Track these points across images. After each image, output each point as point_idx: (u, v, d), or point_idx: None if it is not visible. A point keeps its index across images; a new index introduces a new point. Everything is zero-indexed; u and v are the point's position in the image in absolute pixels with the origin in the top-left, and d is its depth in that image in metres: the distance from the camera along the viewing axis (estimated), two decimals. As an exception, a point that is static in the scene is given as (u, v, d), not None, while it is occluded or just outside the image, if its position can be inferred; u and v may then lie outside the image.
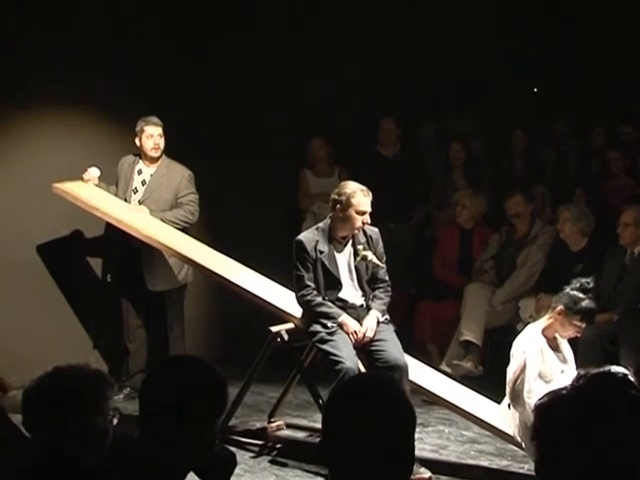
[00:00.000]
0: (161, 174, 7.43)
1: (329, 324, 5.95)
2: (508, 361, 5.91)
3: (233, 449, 4.22)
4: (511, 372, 5.82)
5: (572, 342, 6.07)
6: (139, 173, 7.46)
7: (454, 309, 7.93)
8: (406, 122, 8.96)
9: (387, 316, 6.13)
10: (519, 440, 5.87)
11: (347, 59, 8.81)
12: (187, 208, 7.38)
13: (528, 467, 5.88)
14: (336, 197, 6.02)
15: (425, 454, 6.15)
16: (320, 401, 6.03)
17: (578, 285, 5.90)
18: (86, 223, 7.70)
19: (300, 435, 6.66)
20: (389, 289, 6.22)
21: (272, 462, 6.13)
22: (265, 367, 6.37)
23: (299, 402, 7.23)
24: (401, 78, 9.07)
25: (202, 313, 8.49)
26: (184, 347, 7.54)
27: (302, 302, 6.10)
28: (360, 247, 6.09)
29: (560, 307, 5.83)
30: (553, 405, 1.83)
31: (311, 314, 6.05)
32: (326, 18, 8.83)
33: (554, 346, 5.89)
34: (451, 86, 9.34)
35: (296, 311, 6.24)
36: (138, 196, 7.41)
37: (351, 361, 5.77)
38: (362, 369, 5.93)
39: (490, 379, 7.04)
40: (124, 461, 2.87)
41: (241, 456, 5.85)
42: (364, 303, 6.14)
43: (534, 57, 9.76)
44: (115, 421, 3.09)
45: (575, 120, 9.17)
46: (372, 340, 5.97)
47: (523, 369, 5.72)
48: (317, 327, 5.98)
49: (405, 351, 6.06)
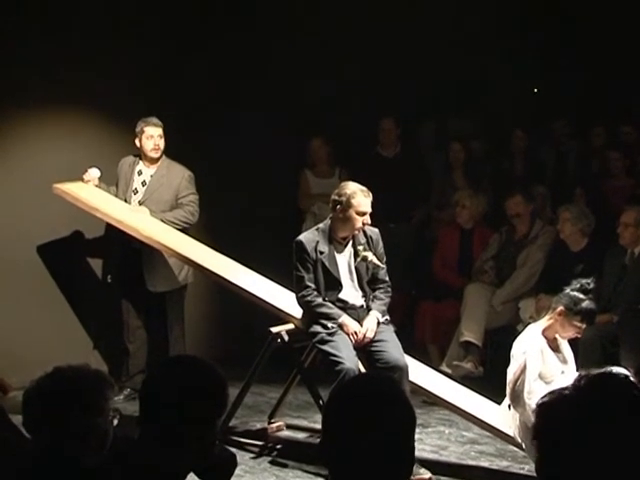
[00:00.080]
0: (161, 175, 7.43)
1: (329, 325, 5.95)
2: (508, 362, 5.91)
3: (233, 450, 4.22)
4: (511, 373, 5.82)
5: (572, 343, 6.07)
6: (139, 174, 7.46)
7: (454, 309, 7.93)
8: (406, 122, 8.96)
9: (387, 317, 6.13)
10: (519, 441, 5.87)
11: (347, 59, 8.80)
12: (187, 209, 7.38)
13: (528, 468, 5.88)
14: (336, 198, 6.02)
15: (425, 455, 6.15)
16: (320, 402, 6.03)
17: (578, 286, 5.89)
18: (86, 224, 7.70)
19: (300, 436, 6.66)
20: (389, 290, 6.21)
21: (272, 463, 6.13)
22: (265, 368, 6.36)
23: (299, 403, 7.23)
24: (401, 78, 9.07)
25: (202, 314, 8.48)
26: (184, 348, 7.54)
27: (302, 303, 6.10)
28: (360, 248, 6.09)
29: (560, 308, 5.82)
30: (554, 405, 1.83)
31: (311, 315, 6.05)
32: (326, 18, 8.82)
33: (554, 347, 5.89)
34: (451, 86, 9.33)
35: (296, 312, 6.23)
36: (138, 197, 7.41)
37: (351, 362, 5.77)
38: (362, 370, 5.93)
39: (490, 380, 7.04)
40: (124, 462, 2.87)
41: (241, 457, 5.85)
42: (364, 304, 6.14)
43: (534, 57, 9.76)
44: (115, 422, 3.09)
45: (575, 120, 9.17)
46: (372, 341, 5.97)
47: (523, 370, 5.71)
48: (317, 328, 5.98)
49: (405, 352, 6.06)
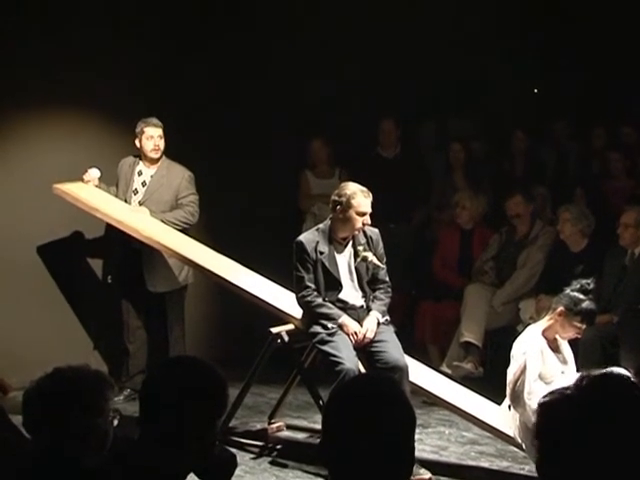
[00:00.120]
0: (161, 175, 7.43)
1: (329, 325, 5.95)
2: (508, 362, 5.91)
3: (233, 450, 4.22)
4: (511, 373, 5.82)
5: (572, 343, 6.07)
6: (139, 174, 7.45)
7: (454, 310, 7.92)
8: (406, 122, 8.96)
9: (387, 317, 6.12)
10: (519, 441, 5.87)
11: (347, 59, 8.80)
12: (187, 209, 7.38)
13: (529, 468, 5.88)
14: (336, 198, 6.01)
15: (425, 455, 6.14)
16: (320, 402, 6.03)
17: (578, 286, 5.89)
18: (86, 224, 7.70)
19: (300, 436, 6.66)
20: (389, 290, 6.21)
21: (272, 463, 6.13)
22: (265, 368, 6.36)
23: (299, 403, 7.23)
24: (401, 78, 9.06)
25: (202, 314, 8.48)
26: (184, 348, 7.53)
27: (302, 303, 6.10)
28: (360, 248, 6.09)
29: (560, 308, 5.82)
30: (556, 404, 1.83)
31: (311, 315, 6.05)
32: (326, 18, 8.82)
33: (554, 347, 5.89)
34: (451, 86, 9.33)
35: (296, 312, 6.23)
36: (138, 197, 7.40)
37: (351, 362, 5.77)
38: (362, 370, 5.93)
39: (490, 380, 7.03)
40: (124, 462, 2.87)
41: (241, 457, 5.84)
42: (364, 304, 6.13)
43: (534, 57, 9.76)
44: (115, 422, 3.09)
45: (575, 121, 9.17)
46: (372, 341, 5.97)
47: (523, 370, 5.71)
48: (317, 328, 5.98)
49: (405, 352, 6.06)
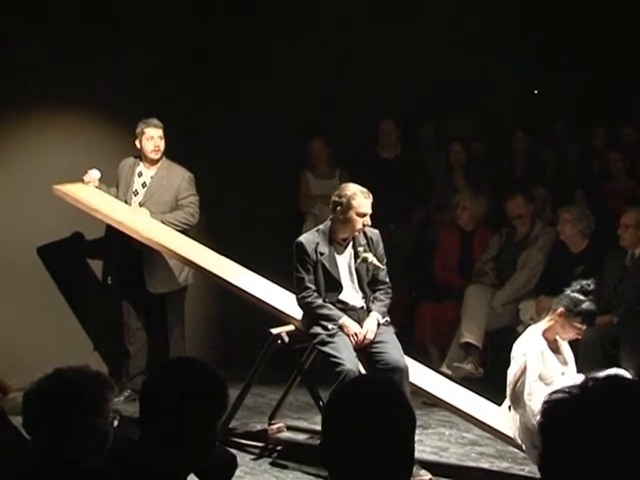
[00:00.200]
0: (161, 176, 7.43)
1: (329, 326, 5.95)
2: (508, 363, 5.91)
3: (234, 451, 4.23)
4: (511, 374, 5.81)
5: (573, 344, 6.06)
6: (139, 175, 7.45)
7: (454, 311, 7.92)
8: (406, 122, 8.95)
9: (387, 318, 6.12)
10: (520, 442, 5.86)
11: (347, 59, 8.80)
12: (187, 210, 7.38)
13: (529, 469, 5.88)
14: (337, 199, 6.01)
15: (425, 456, 6.14)
16: (320, 403, 6.02)
17: (578, 287, 5.89)
18: (86, 225, 7.69)
19: (300, 437, 6.65)
20: (389, 291, 6.21)
21: (272, 464, 6.13)
22: (265, 369, 6.36)
23: (299, 404, 7.22)
24: (401, 78, 9.06)
25: (202, 315, 8.47)
26: (184, 349, 7.53)
27: (302, 304, 6.10)
28: (361, 249, 6.09)
29: (560, 309, 5.82)
30: (561, 403, 1.82)
31: (311, 316, 6.05)
32: (326, 18, 8.82)
33: (554, 348, 5.89)
34: (451, 86, 9.33)
35: (296, 313, 6.23)
36: (138, 198, 7.40)
37: (351, 363, 5.77)
38: (362, 371, 5.92)
39: (490, 381, 7.03)
40: (124, 463, 2.87)
41: (241, 458, 5.83)
42: (364, 305, 6.13)
43: (534, 57, 9.76)
44: (115, 423, 3.09)
45: (575, 121, 9.17)
46: (372, 342, 5.97)
47: (523, 371, 5.71)
48: (317, 329, 5.98)
49: (405, 353, 6.05)
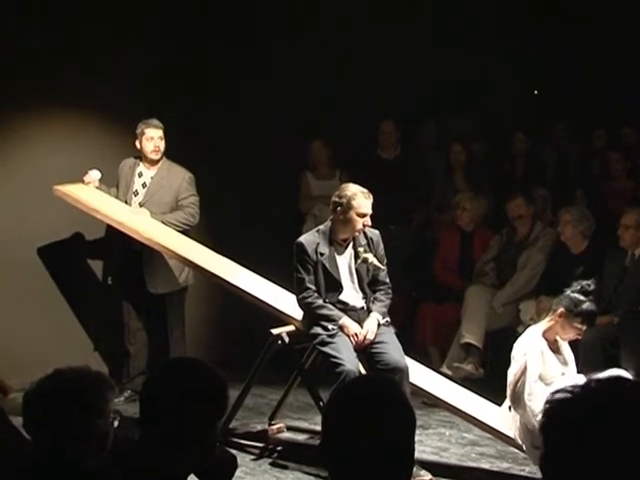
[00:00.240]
0: (161, 177, 7.43)
1: (330, 326, 5.94)
2: (509, 363, 5.90)
3: (234, 451, 4.23)
4: (512, 374, 5.81)
5: (573, 344, 6.06)
6: (140, 176, 7.45)
7: (455, 311, 7.91)
8: (406, 122, 8.95)
9: (388, 318, 6.12)
10: (520, 442, 5.86)
11: (347, 59, 8.80)
12: (188, 210, 7.38)
13: (529, 470, 5.88)
14: (337, 199, 6.01)
15: (426, 456, 6.14)
16: (321, 403, 6.02)
17: (579, 287, 5.89)
18: (87, 225, 7.69)
19: (301, 437, 6.65)
20: (390, 291, 6.21)
21: (273, 464, 6.13)
22: (266, 369, 6.35)
23: (300, 404, 7.22)
24: (401, 78, 9.06)
25: (203, 315, 8.47)
26: (185, 349, 7.53)
27: (303, 304, 6.10)
28: (361, 249, 6.09)
29: (561, 309, 5.82)
30: (563, 403, 1.82)
31: (312, 316, 6.05)
32: (326, 18, 8.82)
33: (555, 348, 5.89)
34: (451, 86, 9.33)
35: (297, 313, 6.23)
36: (139, 199, 7.40)
37: (352, 363, 5.76)
38: (363, 371, 5.92)
39: (491, 381, 7.03)
40: (125, 463, 2.87)
41: (242, 458, 5.83)
42: (365, 305, 6.13)
43: (534, 57, 9.76)
44: (116, 423, 3.09)
45: (575, 122, 9.17)
46: (373, 342, 5.96)
47: (524, 371, 5.71)
48: (318, 329, 5.98)
49: (406, 353, 6.05)
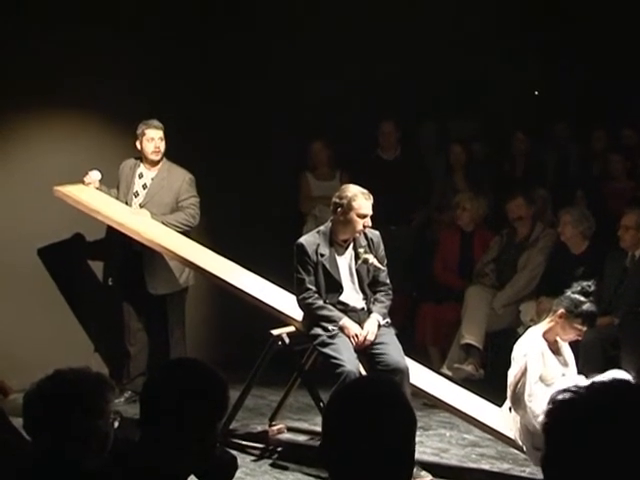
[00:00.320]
0: (162, 178, 7.43)
1: (330, 327, 5.95)
2: (509, 364, 5.90)
3: (234, 452, 4.23)
4: (512, 375, 5.81)
5: (573, 345, 6.06)
6: (140, 177, 7.45)
7: (455, 312, 7.91)
8: (406, 123, 8.95)
9: (388, 319, 6.12)
10: (520, 443, 5.86)
11: (347, 59, 8.80)
12: (188, 211, 7.38)
13: (529, 470, 5.88)
14: (337, 200, 6.01)
15: (426, 457, 6.14)
16: (321, 404, 6.02)
17: (579, 288, 5.89)
18: (87, 226, 7.69)
19: (301, 438, 6.65)
20: (390, 292, 6.21)
21: (273, 465, 6.13)
22: (266, 370, 6.35)
23: (300, 405, 7.22)
24: (401, 78, 9.06)
25: (203, 316, 8.47)
26: (185, 350, 7.53)
27: (303, 305, 6.10)
28: (361, 250, 6.09)
29: (561, 310, 5.82)
30: (566, 404, 1.82)
31: (312, 317, 6.05)
32: (326, 18, 8.82)
33: (555, 349, 5.89)
34: (451, 86, 9.33)
35: (297, 314, 6.23)
36: (139, 200, 7.40)
37: (352, 364, 5.77)
38: (363, 372, 5.92)
39: (491, 382, 7.02)
40: (125, 464, 2.87)
41: (242, 459, 5.84)
42: (365, 306, 6.13)
43: (534, 57, 9.76)
44: (116, 424, 3.09)
45: (575, 122, 9.17)
46: (373, 343, 5.96)
47: (524, 372, 5.71)
48: (318, 330, 5.98)
49: (406, 354, 6.05)
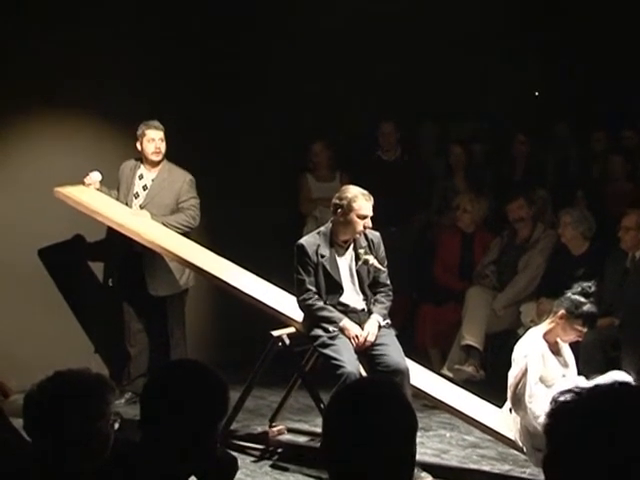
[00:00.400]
0: (162, 179, 7.43)
1: (330, 328, 5.95)
2: (509, 365, 5.90)
3: (234, 453, 4.24)
4: (512, 376, 5.81)
5: (573, 346, 6.06)
6: (140, 178, 7.45)
7: (455, 313, 7.91)
8: (406, 123, 8.95)
9: (388, 320, 6.12)
10: (521, 444, 5.86)
11: (347, 59, 8.80)
12: (188, 212, 7.38)
13: (530, 471, 5.88)
14: (337, 201, 6.01)
15: (426, 458, 6.14)
16: (321, 405, 6.02)
17: (579, 289, 5.89)
18: (88, 227, 7.69)
19: (301, 439, 6.64)
20: (390, 293, 6.21)
21: (273, 466, 6.13)
22: (266, 371, 6.35)
23: (300, 406, 7.22)
24: (401, 78, 9.06)
25: (203, 317, 8.47)
26: (185, 351, 7.53)
27: (303, 306, 6.10)
28: (361, 251, 6.09)
29: (561, 311, 5.82)
30: (568, 405, 1.82)
31: (312, 318, 6.05)
32: (326, 18, 8.81)
33: (555, 350, 5.89)
34: (451, 86, 9.32)
35: (297, 315, 6.23)
36: (139, 201, 7.40)
37: (352, 365, 5.77)
38: (363, 373, 5.92)
39: (491, 383, 7.02)
40: (125, 465, 2.87)
41: (242, 460, 5.84)
42: (365, 307, 6.13)
43: (534, 57, 9.76)
44: (116, 425, 3.08)
45: (576, 123, 9.17)
46: (373, 344, 5.96)
47: (524, 373, 5.71)
48: (318, 331, 5.98)
49: (406, 355, 6.05)
